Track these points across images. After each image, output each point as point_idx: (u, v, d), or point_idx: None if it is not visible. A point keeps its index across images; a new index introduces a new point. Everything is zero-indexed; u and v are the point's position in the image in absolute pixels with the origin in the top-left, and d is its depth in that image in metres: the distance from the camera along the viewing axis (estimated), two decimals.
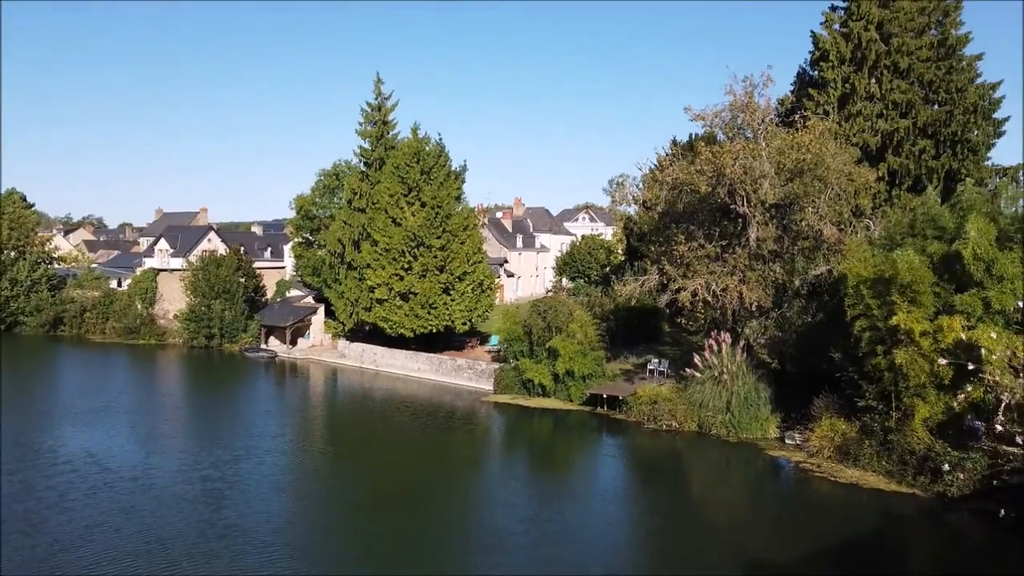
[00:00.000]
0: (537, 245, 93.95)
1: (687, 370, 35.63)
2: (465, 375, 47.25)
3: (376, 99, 57.15)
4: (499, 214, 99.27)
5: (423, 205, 50.03)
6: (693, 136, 52.90)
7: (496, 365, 45.56)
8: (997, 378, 16.91)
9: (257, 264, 70.96)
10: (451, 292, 50.07)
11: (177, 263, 72.06)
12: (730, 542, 22.20)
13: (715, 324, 37.22)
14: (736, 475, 30.77)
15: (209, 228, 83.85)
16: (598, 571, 19.76)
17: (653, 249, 40.28)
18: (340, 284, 55.23)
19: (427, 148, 51.80)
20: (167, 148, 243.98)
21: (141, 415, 38.32)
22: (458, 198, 53.44)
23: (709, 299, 34.61)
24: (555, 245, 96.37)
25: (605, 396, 38.32)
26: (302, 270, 64.24)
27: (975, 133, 39.55)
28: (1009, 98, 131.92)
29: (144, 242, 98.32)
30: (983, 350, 22.22)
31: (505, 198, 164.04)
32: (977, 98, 39.42)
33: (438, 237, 49.68)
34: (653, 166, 42.76)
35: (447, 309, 49.80)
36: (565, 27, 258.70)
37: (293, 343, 60.04)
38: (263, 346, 60.64)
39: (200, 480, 26.90)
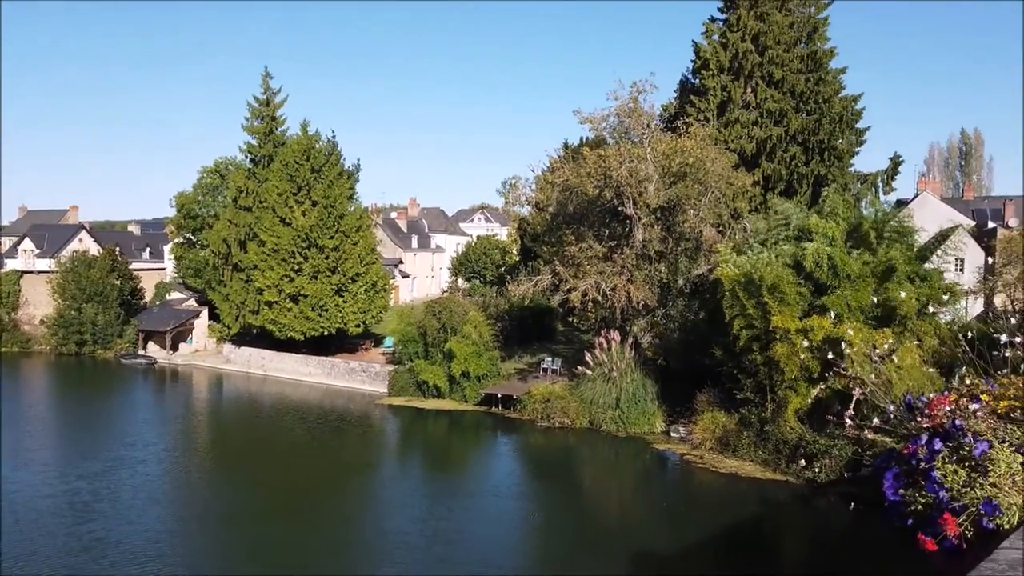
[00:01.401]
0: (432, 245, 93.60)
1: (579, 368, 36.42)
2: (358, 378, 46.46)
3: (264, 94, 55.26)
4: (393, 214, 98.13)
5: (314, 204, 48.83)
6: (584, 139, 54.17)
7: (390, 367, 45.04)
8: (856, 370, 18.24)
9: (134, 265, 67.15)
10: (344, 293, 49.12)
11: (44, 264, 67.13)
12: (618, 534, 22.89)
13: (605, 323, 38.25)
14: (625, 469, 31.74)
15: (80, 227, 78.62)
16: (489, 567, 19.90)
17: (546, 249, 41.00)
18: (225, 286, 53.09)
19: (318, 145, 50.59)
20: (31, 140, 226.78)
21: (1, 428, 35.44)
22: (351, 197, 52.52)
23: (599, 298, 35.54)
24: (451, 245, 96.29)
25: (500, 396, 38.60)
26: (184, 272, 61.28)
27: (840, 141, 42.46)
28: (870, 109, 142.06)
29: (6, 242, 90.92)
30: (846, 344, 23.86)
31: (400, 198, 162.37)
32: (842, 108, 42.36)
33: (330, 237, 48.63)
34: (545, 168, 43.48)
35: (339, 311, 48.83)
36: (459, 27, 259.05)
37: (174, 348, 57.19)
38: (141, 352, 57.40)
39: (66, 493, 25.16)
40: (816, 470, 26.15)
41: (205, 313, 58.55)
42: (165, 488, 26.86)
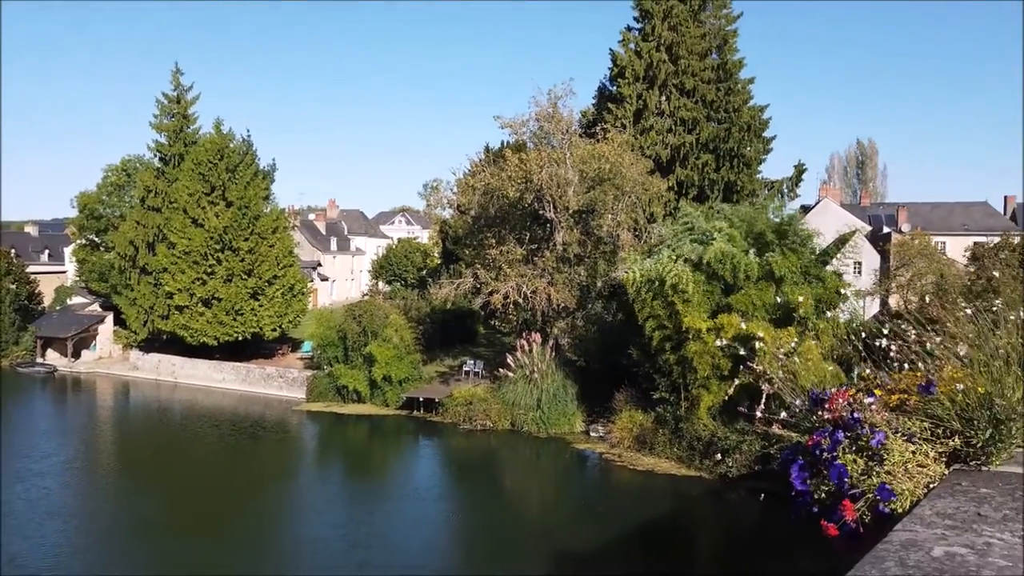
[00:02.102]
0: (352, 248, 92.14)
1: (500, 370, 36.63)
2: (275, 384, 45.32)
3: (175, 90, 53.31)
4: (312, 216, 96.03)
5: (228, 205, 47.43)
6: (504, 143, 54.50)
7: (309, 372, 44.16)
8: (765, 366, 19.21)
9: (32, 268, 63.34)
10: (260, 297, 47.85)
11: None
12: (539, 533, 23.17)
13: (526, 324, 38.65)
14: (546, 469, 32.14)
15: None
16: (410, 569, 19.83)
17: (468, 252, 41.08)
18: (132, 290, 50.91)
19: (232, 145, 49.26)
20: None
21: None
22: (267, 198, 51.36)
23: (520, 301, 35.88)
24: (371, 248, 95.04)
25: (421, 399, 38.40)
26: (87, 275, 58.32)
27: (749, 149, 44.27)
28: (776, 119, 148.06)
29: None
30: (756, 342, 24.92)
31: (318, 199, 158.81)
32: (750, 118, 44.19)
33: (245, 239, 47.32)
34: (467, 171, 43.58)
35: (255, 315, 47.53)
36: (379, 27, 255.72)
37: (76, 356, 54.28)
38: (40, 360, 54.25)
39: None
40: (728, 465, 27.18)
41: (110, 318, 55.89)
42: (66, 501, 25.54)
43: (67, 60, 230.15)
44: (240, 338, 47.47)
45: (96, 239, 59.63)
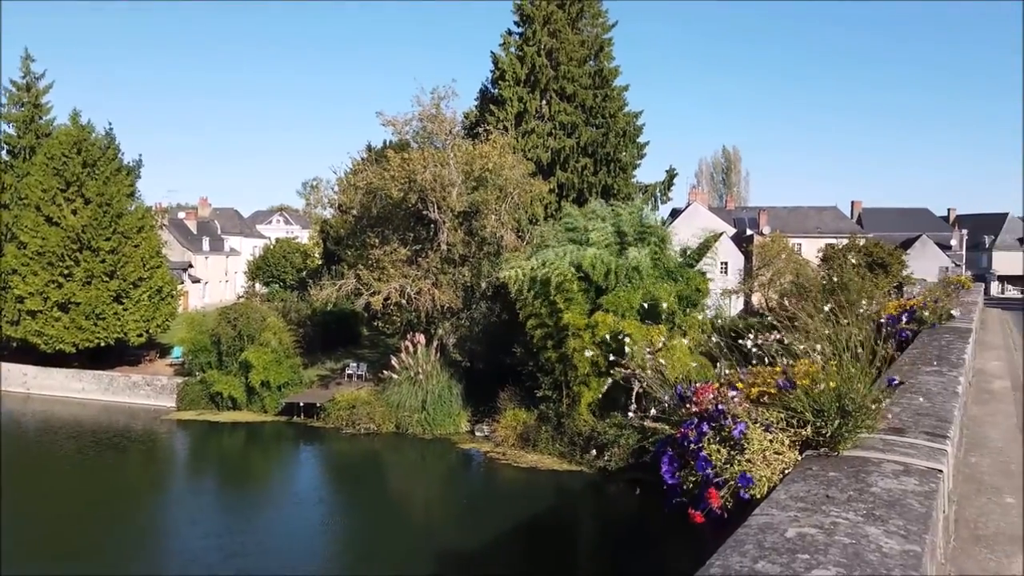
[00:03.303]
0: (226, 248, 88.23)
1: (385, 372, 36.16)
2: (142, 392, 42.71)
3: (24, 78, 49.34)
4: (182, 215, 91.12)
5: (87, 202, 44.32)
6: (387, 142, 53.79)
7: (179, 379, 41.91)
8: (636, 363, 19.97)
9: None
10: (124, 300, 44.95)
11: None
12: (423, 534, 23.13)
13: (411, 326, 38.32)
14: (431, 469, 32.04)
15: None
16: (291, 572, 19.29)
17: (350, 253, 40.29)
18: None
19: (91, 138, 46.06)
20: None
21: None
22: (131, 195, 48.37)
23: (403, 302, 35.56)
24: (247, 248, 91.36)
25: (302, 404, 37.30)
26: None
27: (624, 154, 45.90)
28: (650, 125, 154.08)
29: None
30: (627, 339, 25.90)
31: (189, 197, 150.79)
32: (625, 124, 45.83)
33: (107, 239, 44.35)
34: (348, 170, 42.70)
35: (119, 320, 44.59)
36: (256, 23, 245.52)
37: None
38: None
39: None
40: (607, 459, 28.07)
41: None
42: None
43: None
44: (102, 344, 44.45)
45: None
